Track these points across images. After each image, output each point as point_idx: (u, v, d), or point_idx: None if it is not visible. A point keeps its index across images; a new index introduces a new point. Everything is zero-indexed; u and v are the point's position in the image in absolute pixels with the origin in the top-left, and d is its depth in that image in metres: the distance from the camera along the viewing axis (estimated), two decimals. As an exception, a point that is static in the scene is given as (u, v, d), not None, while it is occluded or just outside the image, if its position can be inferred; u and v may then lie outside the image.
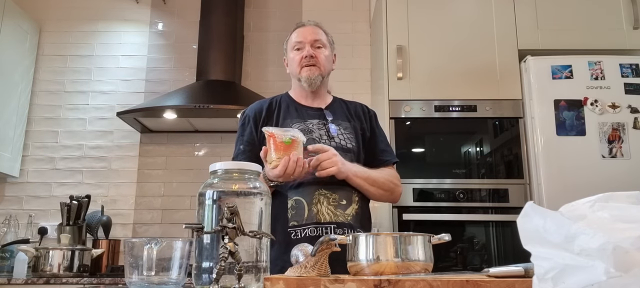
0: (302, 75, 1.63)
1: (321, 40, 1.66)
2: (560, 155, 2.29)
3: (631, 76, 2.36)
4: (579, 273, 0.51)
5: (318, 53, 1.64)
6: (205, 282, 0.86)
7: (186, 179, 3.08)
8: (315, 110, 1.66)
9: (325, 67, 1.65)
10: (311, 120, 1.62)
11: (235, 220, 0.83)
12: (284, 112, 1.64)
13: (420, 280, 0.78)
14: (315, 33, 1.66)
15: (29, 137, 3.13)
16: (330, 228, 1.50)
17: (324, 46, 1.66)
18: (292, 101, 1.69)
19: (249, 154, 1.58)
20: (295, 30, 1.70)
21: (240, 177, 0.94)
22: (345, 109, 1.71)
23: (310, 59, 1.62)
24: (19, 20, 3.03)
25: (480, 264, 2.29)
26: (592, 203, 0.55)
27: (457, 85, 2.51)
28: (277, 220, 1.52)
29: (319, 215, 1.50)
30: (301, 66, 1.63)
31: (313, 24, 1.70)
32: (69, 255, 2.46)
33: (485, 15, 2.60)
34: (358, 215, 1.56)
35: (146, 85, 3.24)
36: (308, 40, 1.64)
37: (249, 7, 3.37)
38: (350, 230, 1.50)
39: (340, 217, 1.52)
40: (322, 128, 1.60)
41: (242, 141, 1.63)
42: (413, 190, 2.37)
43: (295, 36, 1.67)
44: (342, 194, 1.54)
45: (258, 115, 1.64)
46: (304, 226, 1.50)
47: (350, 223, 1.53)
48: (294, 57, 1.65)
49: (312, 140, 1.56)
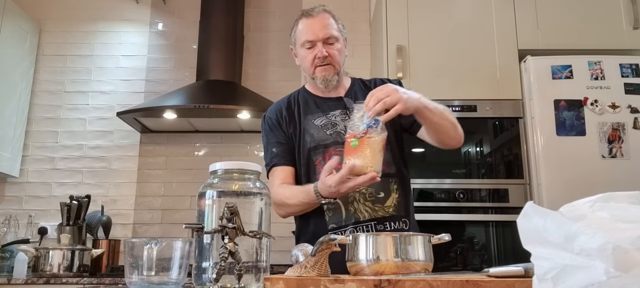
0: (317, 76, 1.54)
1: (333, 35, 1.54)
2: (560, 155, 2.29)
3: (631, 76, 2.36)
4: (579, 273, 0.51)
5: (331, 50, 1.53)
6: (205, 282, 0.86)
7: (186, 179, 3.08)
8: (335, 101, 1.58)
9: (340, 62, 1.56)
10: (333, 112, 1.55)
11: (235, 220, 0.83)
12: (304, 107, 1.58)
13: (420, 280, 0.78)
14: (325, 27, 1.53)
15: (29, 137, 3.13)
16: (371, 226, 1.43)
17: (337, 40, 1.55)
18: (310, 95, 1.61)
19: (285, 154, 1.54)
20: (303, 20, 1.56)
21: (240, 177, 0.94)
22: (365, 90, 1.59)
23: (325, 59, 1.52)
24: (19, 20, 3.03)
25: (480, 264, 2.30)
26: (592, 203, 0.55)
27: (457, 85, 2.51)
28: (313, 222, 1.48)
29: (357, 214, 1.43)
30: (314, 66, 1.54)
31: (321, 10, 1.56)
32: (69, 255, 2.46)
33: (485, 15, 2.60)
34: (399, 204, 1.47)
35: (146, 85, 3.23)
36: (319, 38, 1.52)
37: (249, 7, 3.37)
38: (395, 223, 1.45)
39: (379, 212, 1.45)
40: (346, 119, 1.51)
41: (273, 144, 1.56)
42: (413, 190, 2.37)
43: (305, 33, 1.54)
44: (379, 186, 1.43)
45: (279, 115, 1.59)
46: (344, 227, 1.44)
47: (393, 214, 1.46)
48: (305, 56, 1.55)
49: (337, 133, 1.51)
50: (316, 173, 1.49)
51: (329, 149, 1.50)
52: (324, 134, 1.52)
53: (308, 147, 1.52)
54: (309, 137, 1.53)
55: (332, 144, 1.50)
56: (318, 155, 1.51)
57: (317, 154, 1.51)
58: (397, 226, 1.47)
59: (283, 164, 1.54)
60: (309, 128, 1.54)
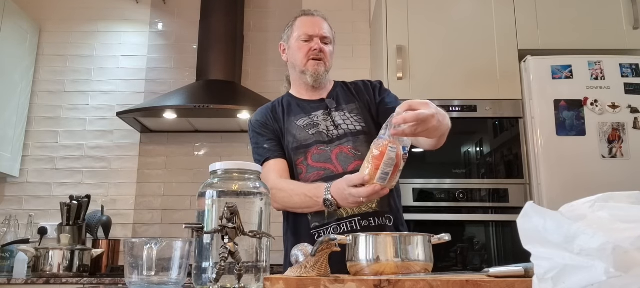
0: (308, 68, 1.57)
1: (329, 36, 1.61)
2: (560, 155, 2.29)
3: (631, 76, 2.36)
4: (579, 273, 0.51)
5: (325, 48, 1.59)
6: (205, 282, 0.86)
7: (186, 179, 3.08)
8: (317, 102, 1.61)
9: (330, 63, 1.61)
10: (315, 113, 1.58)
11: (235, 220, 0.83)
12: (287, 110, 1.61)
13: (420, 280, 0.78)
14: (323, 27, 1.60)
15: (29, 137, 3.13)
16: (355, 221, 1.43)
17: (331, 42, 1.62)
18: (293, 99, 1.64)
19: (277, 148, 1.53)
20: (302, 18, 1.63)
21: (240, 177, 0.94)
22: (347, 91, 1.64)
23: (319, 53, 1.57)
24: (19, 20, 3.03)
25: (480, 264, 2.29)
26: (592, 203, 0.55)
27: (457, 85, 2.51)
28: (300, 221, 1.48)
29: (339, 211, 1.42)
30: (308, 58, 1.57)
31: (321, 16, 1.64)
32: (68, 255, 2.46)
33: (485, 15, 2.60)
34: (383, 200, 1.44)
35: (146, 85, 3.24)
36: (317, 34, 1.58)
37: (249, 7, 3.37)
38: (379, 219, 1.44)
39: (363, 207, 1.43)
40: (328, 119, 1.56)
41: (263, 141, 1.56)
42: (413, 190, 2.37)
43: (303, 26, 1.60)
44: None
45: (265, 118, 1.60)
46: (327, 225, 1.44)
47: (377, 210, 1.45)
48: (299, 47, 1.58)
49: (319, 133, 1.52)
50: (299, 173, 1.50)
51: (310, 149, 1.51)
52: (306, 134, 1.54)
53: (290, 148, 1.53)
54: (291, 137, 1.54)
55: (313, 143, 1.51)
56: (300, 155, 1.52)
57: (298, 155, 1.52)
58: (381, 222, 1.45)
59: (277, 157, 1.54)
60: (291, 129, 1.56)
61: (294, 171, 1.52)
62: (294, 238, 1.50)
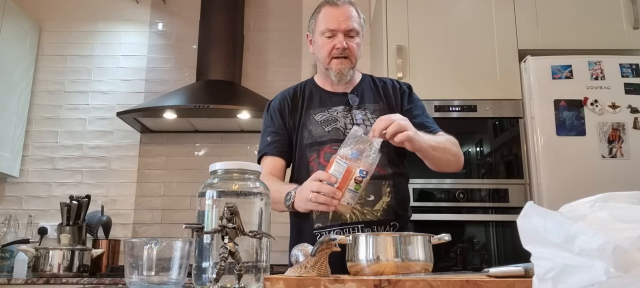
0: (331, 67, 1.51)
1: (355, 28, 1.51)
2: (560, 155, 2.29)
3: (631, 76, 2.36)
4: (579, 273, 0.51)
5: (351, 43, 1.50)
6: (205, 282, 0.86)
7: (186, 179, 3.08)
8: (339, 96, 1.55)
9: (357, 57, 1.54)
10: (335, 108, 1.53)
11: (235, 220, 0.83)
12: (307, 101, 1.56)
13: (420, 280, 0.78)
14: (348, 19, 1.50)
15: (29, 137, 3.13)
16: (358, 228, 1.40)
17: (357, 34, 1.52)
18: (316, 88, 1.59)
19: (278, 146, 1.52)
20: (326, 8, 1.52)
21: (240, 177, 0.94)
22: (374, 89, 1.58)
23: (343, 51, 1.49)
24: (19, 20, 3.03)
25: (480, 264, 2.29)
26: (592, 203, 0.55)
27: (457, 85, 2.51)
28: (304, 220, 1.47)
29: (344, 216, 1.40)
30: (331, 57, 1.50)
31: (346, 1, 1.52)
32: (68, 255, 2.46)
33: (485, 15, 2.60)
34: (389, 208, 1.43)
35: (146, 85, 3.24)
36: (342, 29, 1.49)
37: (249, 7, 3.36)
38: (381, 228, 1.42)
39: (367, 215, 1.42)
40: (348, 115, 1.50)
41: (269, 132, 1.54)
42: (413, 190, 2.37)
43: (327, 20, 1.50)
44: (370, 189, 1.39)
45: (283, 105, 1.57)
46: (329, 228, 1.42)
47: (380, 219, 1.42)
48: (323, 44, 1.51)
49: (336, 130, 1.49)
50: (309, 170, 1.47)
51: (324, 147, 1.48)
52: (322, 130, 1.50)
53: (304, 144, 1.51)
54: (307, 133, 1.52)
55: (328, 141, 1.48)
56: (313, 152, 1.50)
57: (312, 152, 1.50)
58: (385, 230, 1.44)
59: (274, 155, 1.53)
60: (308, 124, 1.53)
61: (306, 168, 1.49)
62: (297, 238, 1.49)
